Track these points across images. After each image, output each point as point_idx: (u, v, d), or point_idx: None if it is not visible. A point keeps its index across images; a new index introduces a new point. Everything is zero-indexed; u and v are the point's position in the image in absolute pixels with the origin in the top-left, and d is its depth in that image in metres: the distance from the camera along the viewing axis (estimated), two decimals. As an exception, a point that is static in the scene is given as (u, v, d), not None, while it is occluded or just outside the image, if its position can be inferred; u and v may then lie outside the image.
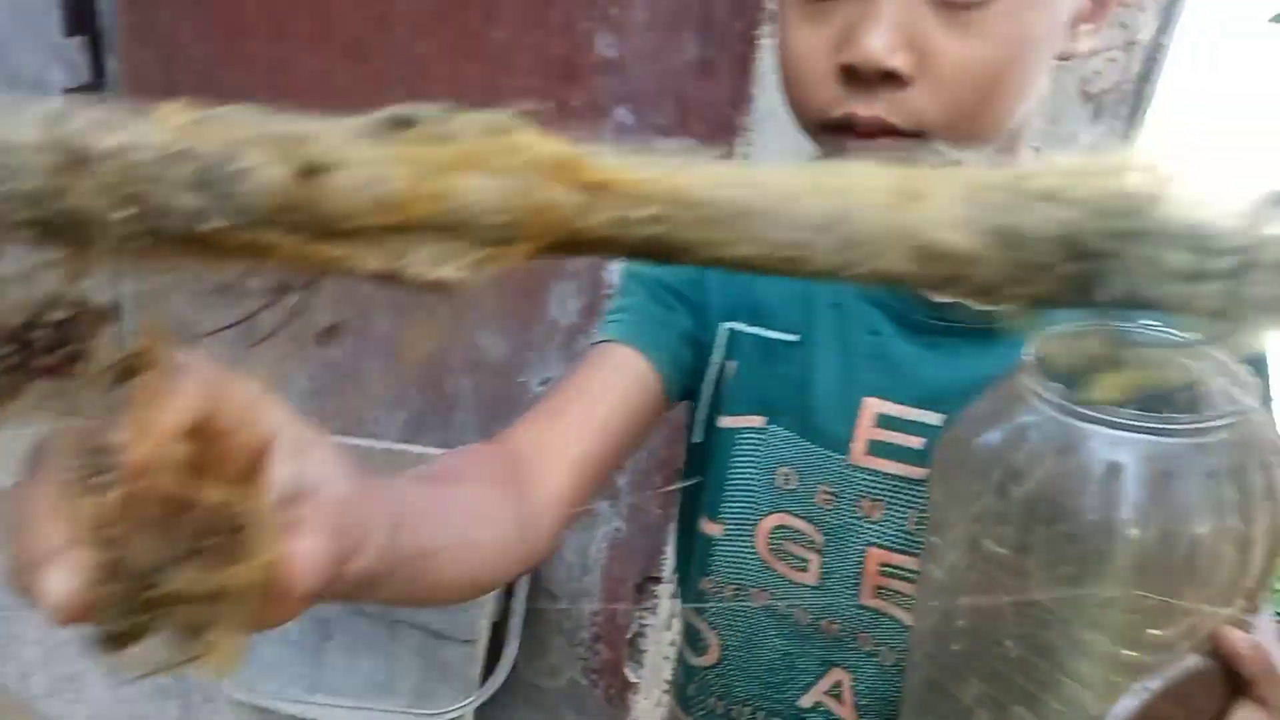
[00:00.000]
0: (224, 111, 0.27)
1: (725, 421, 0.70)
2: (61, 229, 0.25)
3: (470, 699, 1.28)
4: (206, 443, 0.27)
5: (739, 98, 1.21)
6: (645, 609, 1.44)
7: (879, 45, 0.53)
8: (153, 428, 0.26)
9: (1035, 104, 0.60)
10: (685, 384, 0.71)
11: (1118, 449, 0.48)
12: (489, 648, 1.32)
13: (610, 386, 0.66)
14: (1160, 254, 0.28)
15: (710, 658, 0.74)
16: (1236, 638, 0.50)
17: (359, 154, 0.26)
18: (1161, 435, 0.47)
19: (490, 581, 0.56)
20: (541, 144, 0.28)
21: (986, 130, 0.58)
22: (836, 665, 0.70)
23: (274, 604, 0.31)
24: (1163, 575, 0.48)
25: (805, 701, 0.71)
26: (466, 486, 0.54)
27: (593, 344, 0.69)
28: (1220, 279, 0.28)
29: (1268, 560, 0.50)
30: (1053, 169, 0.29)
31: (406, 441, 1.42)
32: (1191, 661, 0.50)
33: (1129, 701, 0.51)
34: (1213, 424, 0.48)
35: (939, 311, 0.64)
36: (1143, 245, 0.28)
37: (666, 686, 1.47)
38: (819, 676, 0.71)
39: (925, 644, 0.58)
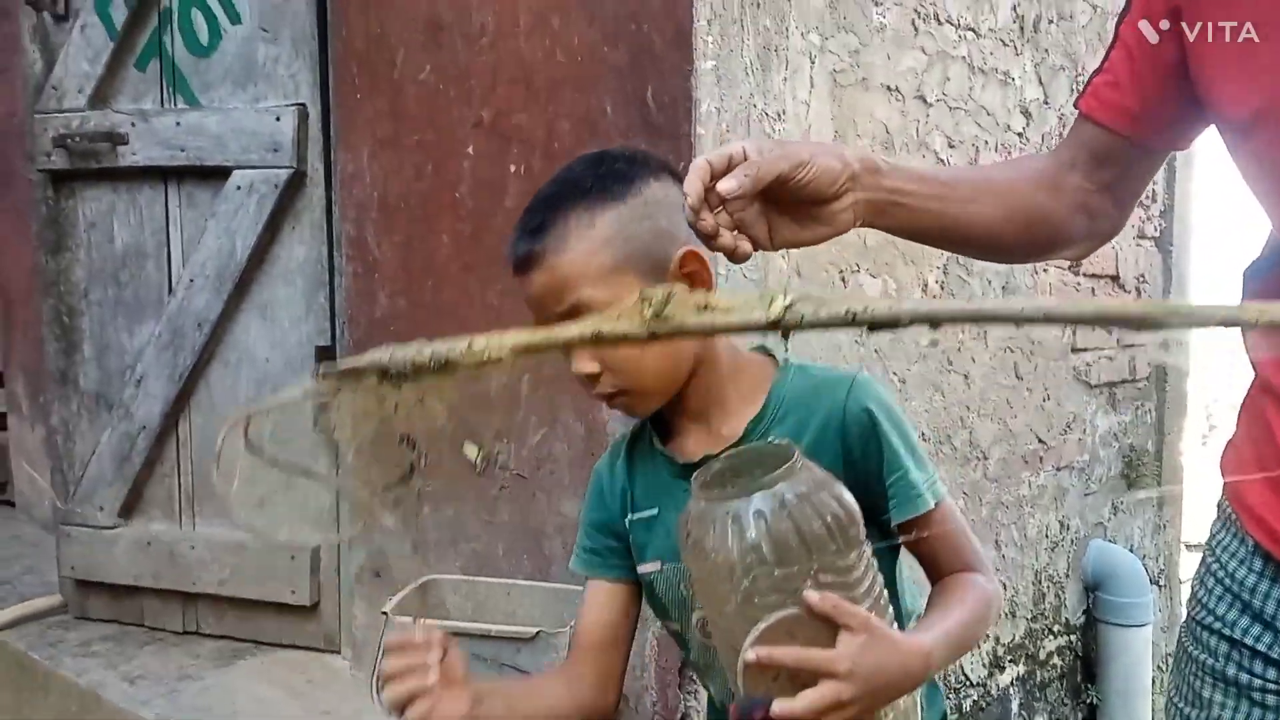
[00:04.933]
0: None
1: (642, 570, 1.10)
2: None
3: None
4: None
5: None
6: (688, 692, 1.93)
7: (578, 366, 1.01)
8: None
9: (706, 345, 1.03)
10: (629, 562, 1.11)
11: (719, 508, 0.86)
12: None
13: (598, 608, 1.13)
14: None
15: (718, 708, 1.13)
16: (809, 595, 0.83)
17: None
18: (736, 499, 0.86)
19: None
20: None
21: (660, 381, 1.02)
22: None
23: None
24: (758, 568, 0.84)
25: None
26: (543, 677, 1.18)
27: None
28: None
29: (822, 555, 0.84)
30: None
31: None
32: (787, 611, 0.84)
33: (752, 634, 0.84)
34: (764, 487, 0.85)
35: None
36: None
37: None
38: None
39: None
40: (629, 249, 0.98)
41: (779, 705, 0.81)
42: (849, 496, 0.89)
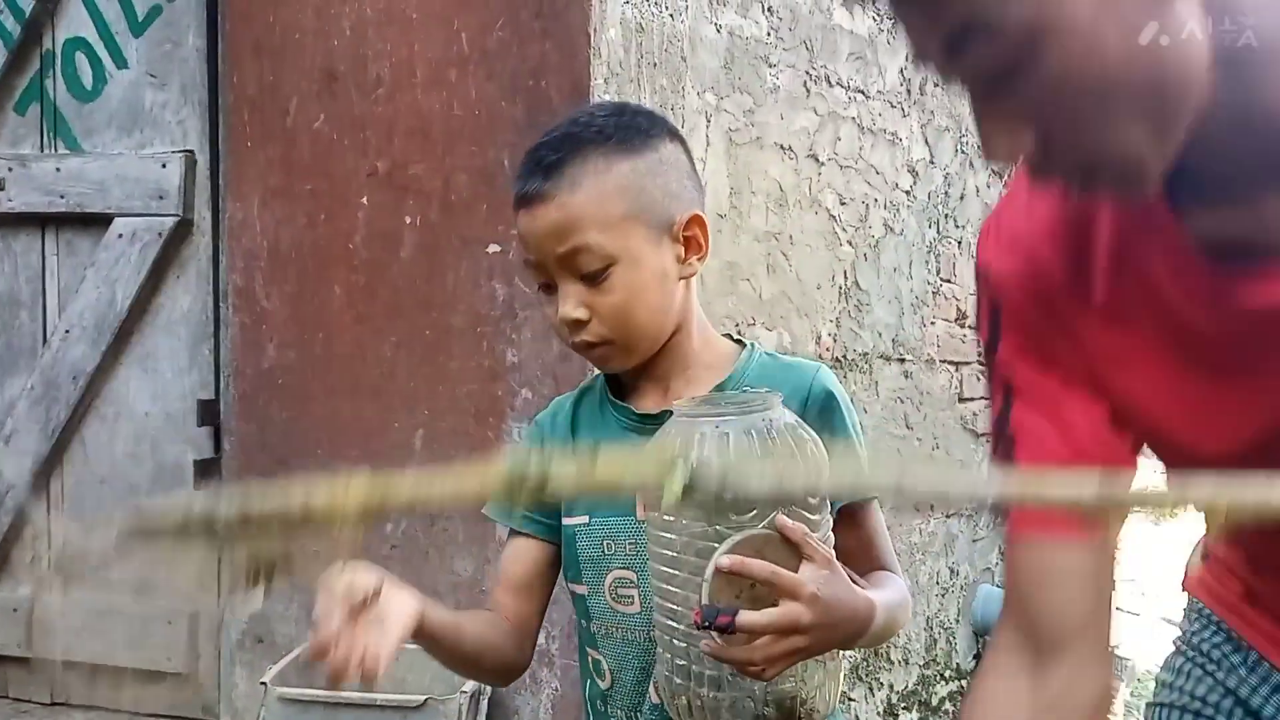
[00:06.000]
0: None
1: (566, 522, 1.08)
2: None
3: (442, 807, 1.70)
4: None
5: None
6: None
7: (566, 310, 0.99)
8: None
9: (685, 309, 1.05)
10: (552, 517, 1.09)
11: (707, 424, 0.89)
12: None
13: (519, 562, 1.11)
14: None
15: (607, 682, 1.07)
16: (783, 519, 0.86)
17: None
18: (727, 417, 0.89)
19: (494, 661, 1.08)
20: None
21: (647, 336, 1.02)
22: (653, 663, 1.00)
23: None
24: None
25: (653, 697, 1.03)
26: (471, 613, 1.10)
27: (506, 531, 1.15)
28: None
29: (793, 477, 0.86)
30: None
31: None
32: (759, 530, 0.87)
33: (726, 544, 0.86)
34: (747, 411, 0.89)
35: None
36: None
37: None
38: (650, 673, 1.02)
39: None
40: (641, 201, 0.99)
41: (744, 616, 0.83)
42: (822, 444, 0.93)
